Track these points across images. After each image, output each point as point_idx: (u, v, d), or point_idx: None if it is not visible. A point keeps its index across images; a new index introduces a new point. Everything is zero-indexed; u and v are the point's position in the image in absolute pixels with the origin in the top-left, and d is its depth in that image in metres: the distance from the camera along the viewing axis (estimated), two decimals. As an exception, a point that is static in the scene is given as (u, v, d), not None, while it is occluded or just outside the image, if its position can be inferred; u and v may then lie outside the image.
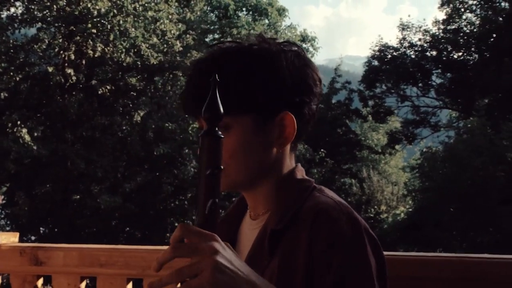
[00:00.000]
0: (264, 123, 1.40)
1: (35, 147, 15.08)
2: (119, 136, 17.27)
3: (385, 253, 1.43)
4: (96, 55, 16.85)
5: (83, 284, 2.53)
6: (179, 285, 1.12)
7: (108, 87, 17.23)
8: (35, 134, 15.67)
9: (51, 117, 17.04)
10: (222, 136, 1.14)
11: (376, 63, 28.17)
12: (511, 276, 2.01)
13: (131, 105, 17.96)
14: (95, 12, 16.19)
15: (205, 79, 1.26)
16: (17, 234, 2.73)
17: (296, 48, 1.46)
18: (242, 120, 1.38)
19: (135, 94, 18.29)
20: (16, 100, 16.79)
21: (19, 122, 15.45)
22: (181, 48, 17.92)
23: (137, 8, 16.86)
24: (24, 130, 15.16)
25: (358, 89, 28.16)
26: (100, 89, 17.01)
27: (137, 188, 16.33)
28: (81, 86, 17.42)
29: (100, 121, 16.87)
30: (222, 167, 1.14)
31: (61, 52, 17.17)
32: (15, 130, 15.22)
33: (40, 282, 2.58)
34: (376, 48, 28.08)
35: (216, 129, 1.14)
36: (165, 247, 2.51)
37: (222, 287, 1.08)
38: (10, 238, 2.69)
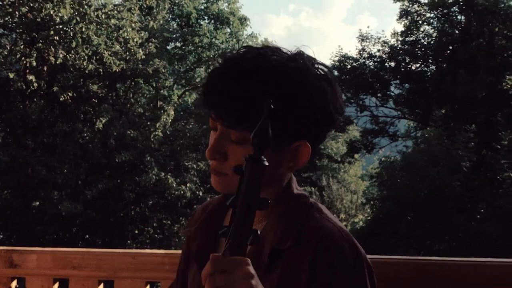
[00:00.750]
0: (279, 146, 1.36)
1: (-5, 153, 14.93)
2: (80, 143, 17.11)
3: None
4: (58, 62, 16.62)
5: (56, 286, 2.60)
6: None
7: (69, 94, 17.04)
8: (-5, 140, 15.52)
9: (11, 123, 16.80)
10: (267, 164, 1.14)
11: (336, 73, 28.45)
12: (457, 276, 2.20)
13: (92, 112, 17.82)
14: (58, 19, 16.03)
15: (242, 92, 1.34)
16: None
17: (326, 72, 1.43)
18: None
19: (96, 101, 18.16)
20: (-25, 107, 16.61)
21: (-22, 129, 15.29)
22: (143, 56, 17.88)
23: (100, 16, 16.72)
24: (-16, 136, 15.00)
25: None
26: (62, 96, 16.81)
27: (98, 195, 16.22)
28: (42, 92, 17.21)
29: (61, 128, 16.68)
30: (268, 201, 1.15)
31: (23, 58, 16.93)
32: (-25, 136, 15.06)
33: (14, 284, 2.64)
34: (336, 58, 28.41)
35: (262, 157, 1.13)
36: (136, 250, 2.64)
37: None
38: (-15, 242, 2.78)
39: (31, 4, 16.33)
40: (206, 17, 26.85)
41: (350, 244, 1.39)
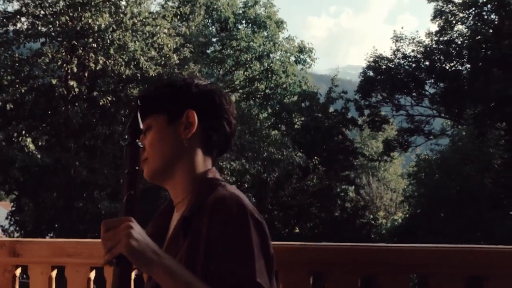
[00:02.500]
0: (174, 119, 1.78)
1: (39, 156, 15.16)
2: (120, 145, 17.41)
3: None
4: (97, 68, 16.95)
5: (54, 272, 2.81)
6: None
7: (109, 98, 17.34)
8: (40, 143, 15.73)
9: (55, 127, 17.11)
10: (142, 146, 1.55)
11: (371, 73, 28.31)
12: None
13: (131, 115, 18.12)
14: (96, 27, 16.31)
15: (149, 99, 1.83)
16: (-2, 231, 3.06)
17: (211, 83, 1.90)
18: (158, 118, 1.77)
19: (134, 105, 18.43)
20: (21, 111, 16.83)
21: (24, 132, 15.51)
22: (178, 61, 18.12)
23: (136, 23, 17.03)
24: (29, 140, 15.21)
25: (354, 99, 28.32)
26: (102, 100, 17.13)
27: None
28: (83, 97, 17.48)
29: (101, 131, 16.96)
30: (137, 168, 1.54)
31: (64, 65, 17.26)
32: (20, 139, 15.30)
33: (18, 271, 2.86)
34: (371, 59, 28.25)
35: (137, 141, 1.53)
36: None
37: (134, 251, 1.45)
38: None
39: (71, 14, 16.67)
40: (243, 21, 26.99)
41: (237, 203, 1.63)
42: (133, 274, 1.80)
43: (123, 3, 17.47)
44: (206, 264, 1.57)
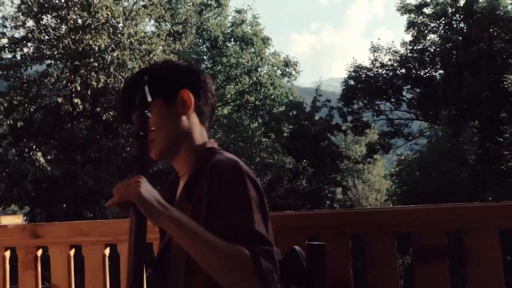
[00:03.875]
0: (170, 101, 1.82)
1: (49, 168, 15.15)
2: (123, 156, 17.38)
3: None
4: (99, 86, 16.95)
5: (72, 251, 2.84)
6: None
7: (111, 113, 17.32)
8: (49, 157, 15.72)
9: (62, 141, 17.05)
10: (150, 116, 1.59)
11: (352, 82, 28.47)
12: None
13: (132, 128, 18.07)
14: (96, 48, 16.35)
15: (131, 87, 1.82)
16: (20, 216, 3.08)
17: (189, 62, 1.98)
18: (157, 102, 1.78)
19: (133, 119, 18.39)
20: (31, 129, 16.83)
21: (34, 147, 15.52)
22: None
23: (133, 43, 17.06)
24: (39, 154, 15.21)
25: (338, 106, 28.45)
26: (104, 115, 17.12)
27: None
28: (87, 113, 17.47)
29: (105, 144, 16.91)
30: (145, 134, 1.58)
31: (69, 84, 17.26)
32: (31, 154, 15.30)
33: (39, 252, 2.91)
34: (351, 69, 28.44)
35: (145, 111, 1.59)
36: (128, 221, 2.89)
37: (142, 200, 1.50)
38: (14, 220, 3.05)
39: (73, 36, 16.71)
40: (232, 39, 27.08)
41: (233, 166, 1.68)
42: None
43: (121, 24, 17.52)
44: (209, 221, 1.60)
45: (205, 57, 25.75)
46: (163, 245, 1.80)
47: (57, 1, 17.08)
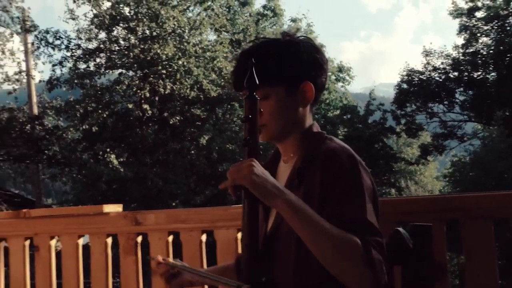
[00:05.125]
0: (292, 91, 1.72)
1: (122, 170, 15.50)
2: (189, 158, 17.59)
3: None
4: (166, 92, 17.24)
5: (170, 237, 2.86)
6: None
7: (177, 118, 17.62)
8: (121, 159, 16.09)
9: (132, 145, 17.41)
10: (258, 98, 1.53)
11: (405, 86, 28.00)
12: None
13: (197, 132, 18.23)
14: (164, 57, 16.70)
15: (247, 62, 1.64)
16: (121, 205, 3.13)
17: (309, 40, 1.80)
18: (277, 89, 1.70)
19: (200, 123, 18.60)
20: (104, 133, 17.28)
21: (108, 150, 15.93)
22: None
23: (198, 51, 17.28)
24: (113, 156, 15.60)
25: (391, 109, 28.04)
26: (171, 120, 17.42)
27: (206, 201, 16.56)
28: (155, 118, 17.82)
29: (172, 146, 17.19)
30: (260, 120, 1.55)
31: (138, 91, 17.65)
32: (105, 156, 15.70)
33: (139, 238, 2.94)
34: (404, 73, 27.93)
35: (254, 93, 1.53)
36: (228, 206, 2.91)
37: (255, 183, 1.44)
38: (116, 208, 3.10)
39: (142, 46, 17.11)
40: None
41: (348, 154, 1.62)
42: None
43: (186, 33, 17.81)
44: (321, 209, 1.54)
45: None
46: (271, 228, 1.74)
47: (127, 14, 17.52)
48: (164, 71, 17.12)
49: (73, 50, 18.28)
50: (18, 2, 17.62)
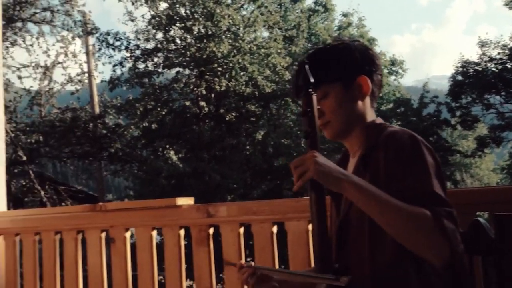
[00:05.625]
0: (349, 86, 1.79)
1: (181, 165, 15.75)
2: (245, 153, 17.70)
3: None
4: (222, 89, 17.40)
5: (241, 229, 2.89)
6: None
7: (233, 114, 17.73)
8: (180, 155, 16.34)
9: (190, 141, 17.63)
10: (314, 94, 1.58)
11: (460, 77, 27.33)
12: None
13: (252, 128, 18.35)
14: (219, 54, 16.85)
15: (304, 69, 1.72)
16: (193, 198, 3.18)
17: (359, 41, 1.88)
18: (335, 86, 1.78)
19: (255, 118, 18.69)
20: (163, 130, 17.56)
21: (167, 146, 16.23)
22: (290, 77, 18.33)
23: (252, 48, 17.36)
24: (172, 152, 15.87)
25: (446, 102, 27.43)
26: (227, 116, 17.54)
27: (262, 195, 16.60)
28: (211, 115, 17.99)
29: (228, 142, 17.32)
30: (312, 110, 1.57)
31: (195, 88, 17.87)
32: (164, 153, 15.99)
33: (211, 230, 2.98)
34: (459, 65, 27.26)
35: (309, 89, 1.58)
36: (299, 198, 2.90)
37: (321, 173, 1.49)
38: (188, 201, 3.14)
39: (198, 45, 17.29)
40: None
41: (409, 135, 1.64)
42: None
43: (241, 31, 17.91)
44: (387, 187, 1.54)
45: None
46: (342, 215, 1.75)
47: (183, 14, 17.77)
48: (219, 69, 17.27)
49: (132, 51, 18.67)
50: (80, 6, 18.11)
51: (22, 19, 17.42)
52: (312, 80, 1.58)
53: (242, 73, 17.67)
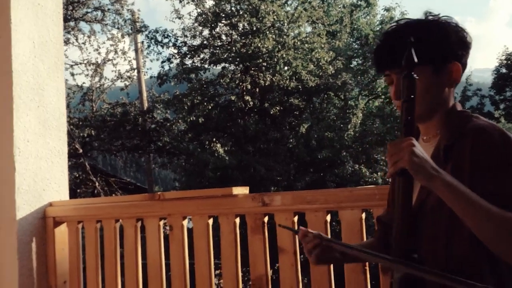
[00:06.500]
0: (438, 71, 1.66)
1: (227, 158, 15.88)
2: (288, 147, 17.70)
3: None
4: (266, 84, 17.41)
5: (296, 218, 2.89)
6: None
7: (277, 108, 17.72)
8: (226, 148, 16.46)
9: (235, 134, 17.70)
10: (417, 77, 1.48)
11: (504, 70, 26.59)
12: None
13: (296, 121, 18.33)
14: (264, 50, 16.86)
15: (396, 42, 1.66)
16: (247, 188, 3.20)
17: (454, 20, 1.72)
18: (424, 69, 1.62)
19: (298, 112, 18.66)
20: (210, 124, 17.66)
21: (214, 140, 16.38)
22: (333, 71, 18.19)
23: (296, 43, 17.30)
24: (218, 145, 15.99)
25: (489, 95, 26.76)
26: (271, 110, 17.56)
27: (306, 186, 16.56)
28: (256, 109, 18.05)
29: (273, 135, 17.34)
30: (413, 96, 1.47)
31: (240, 83, 17.93)
32: (211, 146, 16.13)
33: (266, 218, 2.99)
34: (503, 58, 26.51)
35: (412, 73, 1.48)
36: (353, 188, 2.90)
37: (415, 165, 1.41)
38: (243, 190, 3.16)
39: (243, 41, 17.35)
40: (381, 37, 26.45)
41: (499, 132, 1.54)
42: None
43: (285, 26, 17.89)
44: (472, 185, 1.47)
45: (355, 54, 25.42)
46: (416, 205, 1.65)
47: (229, 11, 17.87)
48: (264, 64, 17.25)
49: (180, 47, 18.87)
50: (129, 5, 18.41)
51: (75, 19, 17.83)
52: (415, 60, 1.47)
53: (286, 68, 17.64)
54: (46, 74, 3.97)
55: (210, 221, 3.21)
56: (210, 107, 17.77)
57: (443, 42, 1.67)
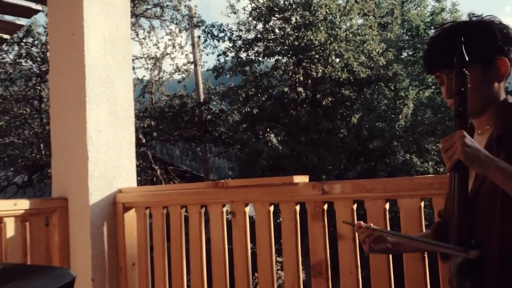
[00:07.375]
0: (487, 68, 1.70)
1: (280, 148, 15.94)
2: (340, 137, 17.58)
3: None
4: (318, 75, 17.31)
5: (355, 206, 2.88)
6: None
7: (329, 99, 17.61)
8: (279, 138, 16.52)
9: (288, 125, 17.72)
10: (468, 74, 1.52)
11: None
12: None
13: (347, 112, 18.20)
14: (316, 42, 16.78)
15: (445, 44, 1.71)
16: (307, 176, 3.21)
17: (497, 19, 1.75)
18: (474, 67, 1.64)
19: (349, 103, 18.50)
20: (263, 114, 17.76)
21: (268, 129, 16.47)
22: (384, 63, 17.90)
23: (348, 35, 17.15)
24: (272, 135, 16.08)
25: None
26: (323, 101, 17.47)
27: (357, 176, 16.40)
28: (308, 100, 17.97)
29: (324, 126, 17.22)
30: (464, 89, 1.51)
31: (293, 75, 17.91)
32: (265, 135, 16.24)
33: (325, 206, 3.00)
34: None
35: (464, 69, 1.52)
36: (412, 177, 2.88)
37: (468, 155, 1.44)
38: (303, 179, 3.17)
39: (296, 34, 17.31)
40: (432, 27, 25.78)
41: None
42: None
43: (337, 19, 17.73)
44: None
45: (406, 45, 24.89)
46: (471, 192, 1.67)
47: (282, 5, 17.85)
48: (316, 56, 17.17)
49: (235, 41, 19.00)
50: (186, 1, 18.67)
51: (135, 15, 18.20)
52: (467, 58, 1.52)
53: (338, 60, 17.51)
54: (115, 68, 4.08)
55: (271, 208, 3.24)
56: (264, 99, 17.86)
57: (490, 40, 1.70)
